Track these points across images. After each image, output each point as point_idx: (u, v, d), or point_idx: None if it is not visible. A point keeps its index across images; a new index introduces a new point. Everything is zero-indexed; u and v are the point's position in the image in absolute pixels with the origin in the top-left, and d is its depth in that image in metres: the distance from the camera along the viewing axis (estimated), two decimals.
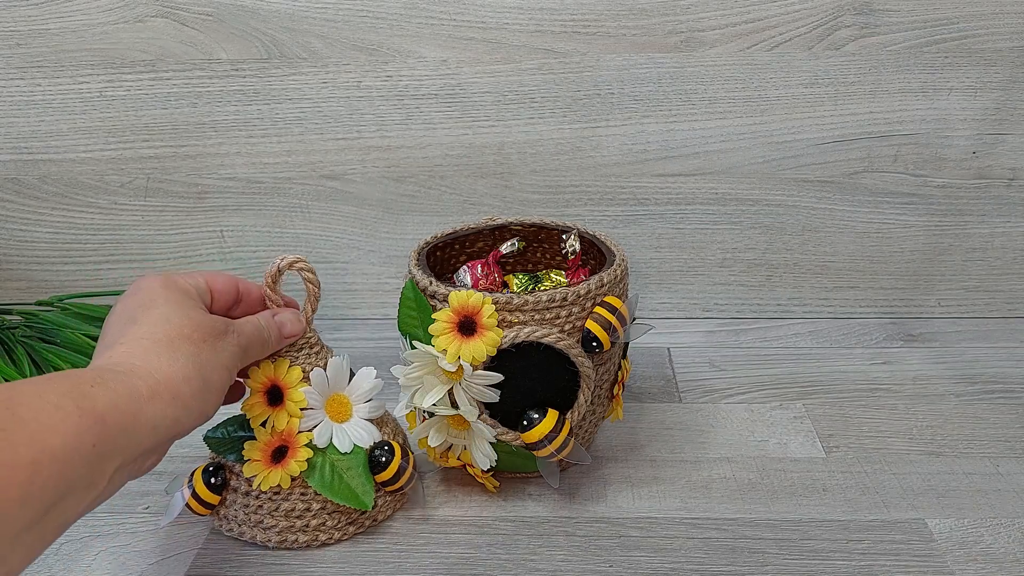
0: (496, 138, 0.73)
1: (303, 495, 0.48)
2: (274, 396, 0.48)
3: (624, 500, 0.53)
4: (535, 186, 0.75)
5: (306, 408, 0.48)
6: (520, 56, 0.70)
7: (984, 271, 0.76)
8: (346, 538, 0.49)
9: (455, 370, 0.47)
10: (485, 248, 0.61)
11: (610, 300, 0.49)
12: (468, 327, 0.46)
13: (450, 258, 0.60)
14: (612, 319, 0.48)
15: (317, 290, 0.49)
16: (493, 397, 0.48)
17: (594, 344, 0.48)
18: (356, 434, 0.49)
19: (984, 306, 0.78)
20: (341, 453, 0.48)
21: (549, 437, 0.48)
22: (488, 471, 0.51)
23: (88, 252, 0.79)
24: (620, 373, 0.54)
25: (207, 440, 0.49)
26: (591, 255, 0.57)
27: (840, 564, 0.47)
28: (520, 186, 0.75)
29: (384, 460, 0.49)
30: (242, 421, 0.49)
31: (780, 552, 0.48)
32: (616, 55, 0.70)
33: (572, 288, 0.48)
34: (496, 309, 0.47)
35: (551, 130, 0.72)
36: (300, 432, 0.48)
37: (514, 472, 0.54)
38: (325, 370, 0.49)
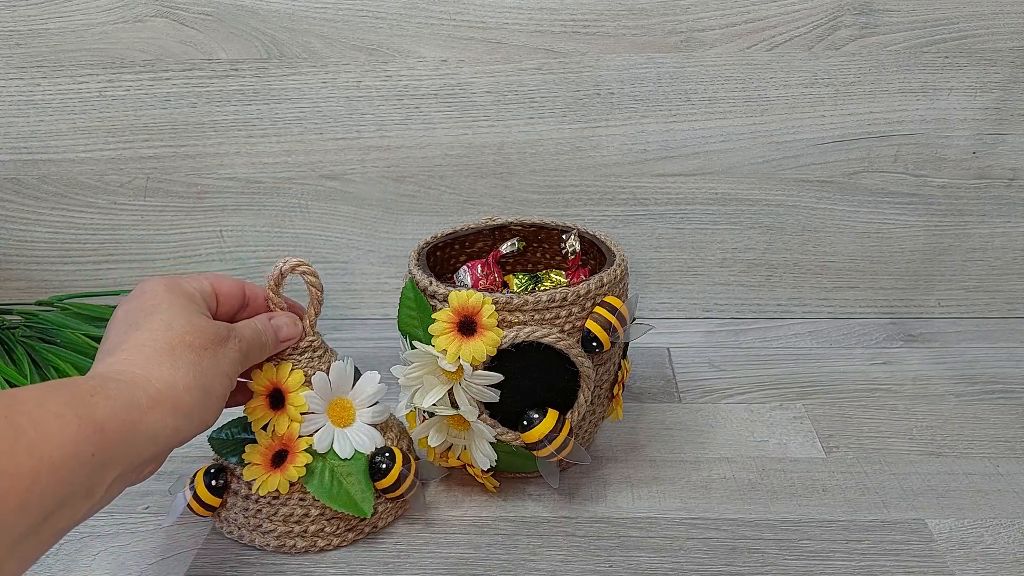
0: (496, 138, 0.73)
1: (302, 500, 0.48)
2: (276, 399, 0.48)
3: (624, 500, 0.53)
4: (535, 186, 0.75)
5: (307, 412, 0.48)
6: (520, 56, 0.70)
7: (984, 271, 0.76)
8: (345, 544, 0.49)
9: (455, 370, 0.47)
10: (485, 248, 0.61)
11: (610, 300, 0.49)
12: (468, 327, 0.46)
13: (450, 258, 0.60)
14: (612, 319, 0.48)
15: (320, 293, 0.49)
16: (493, 397, 0.48)
17: (594, 344, 0.48)
18: (358, 439, 0.49)
19: (984, 306, 0.78)
20: (341, 459, 0.48)
21: (549, 437, 0.48)
22: (488, 471, 0.51)
23: (88, 252, 0.79)
24: (620, 373, 0.54)
25: (211, 441, 0.49)
26: (591, 255, 0.57)
27: (840, 564, 0.47)
28: (520, 186, 0.75)
29: (385, 467, 0.48)
30: (246, 423, 0.48)
31: (780, 552, 0.48)
32: (616, 55, 0.70)
33: (572, 288, 0.48)
34: (496, 309, 0.47)
35: (551, 130, 0.72)
36: (300, 437, 0.47)
37: (514, 472, 0.54)
38: (328, 374, 0.49)
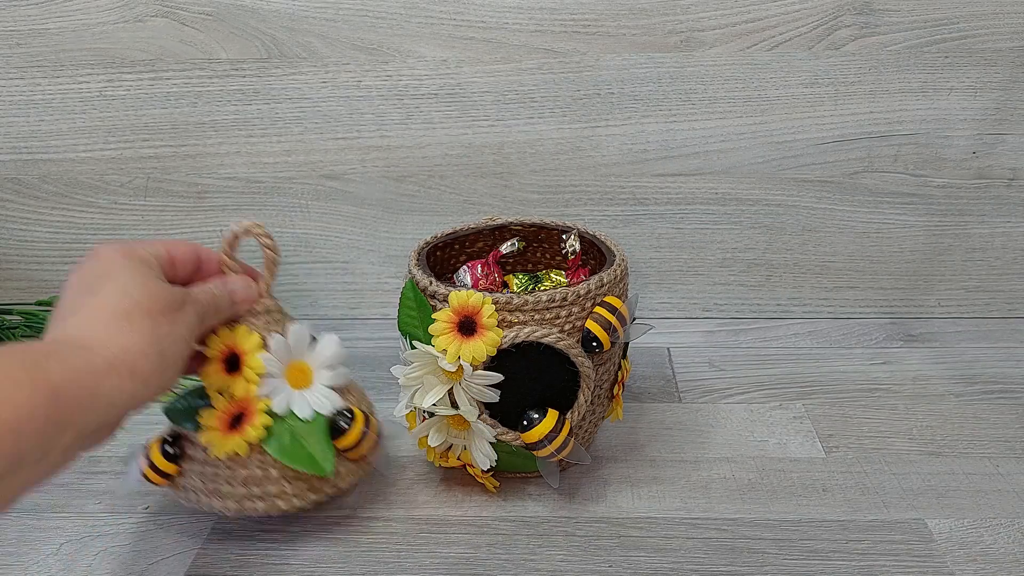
0: (496, 138, 0.73)
1: (261, 462, 0.47)
2: (232, 363, 0.47)
3: (624, 500, 0.53)
4: (535, 186, 0.75)
5: (265, 375, 0.47)
6: (520, 56, 0.70)
7: (984, 271, 0.76)
8: (307, 506, 0.48)
9: (455, 370, 0.47)
10: (485, 248, 0.61)
11: (610, 300, 0.49)
12: (468, 327, 0.46)
13: (450, 258, 0.60)
14: (612, 319, 0.48)
15: (275, 256, 0.48)
16: (493, 397, 0.48)
17: (594, 344, 0.48)
18: (317, 401, 0.48)
19: (984, 306, 0.78)
20: (301, 420, 0.47)
21: (549, 437, 0.48)
22: (488, 471, 0.51)
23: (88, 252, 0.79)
24: (620, 373, 0.54)
25: (166, 411, 0.48)
26: (591, 255, 0.57)
27: (840, 564, 0.47)
28: (520, 186, 0.75)
29: (345, 426, 0.48)
30: (202, 391, 0.47)
31: (780, 552, 0.48)
32: (616, 55, 0.70)
33: (572, 288, 0.48)
34: (496, 309, 0.47)
35: (551, 130, 0.72)
36: (259, 399, 0.46)
37: (514, 472, 0.54)
38: (286, 337, 0.48)
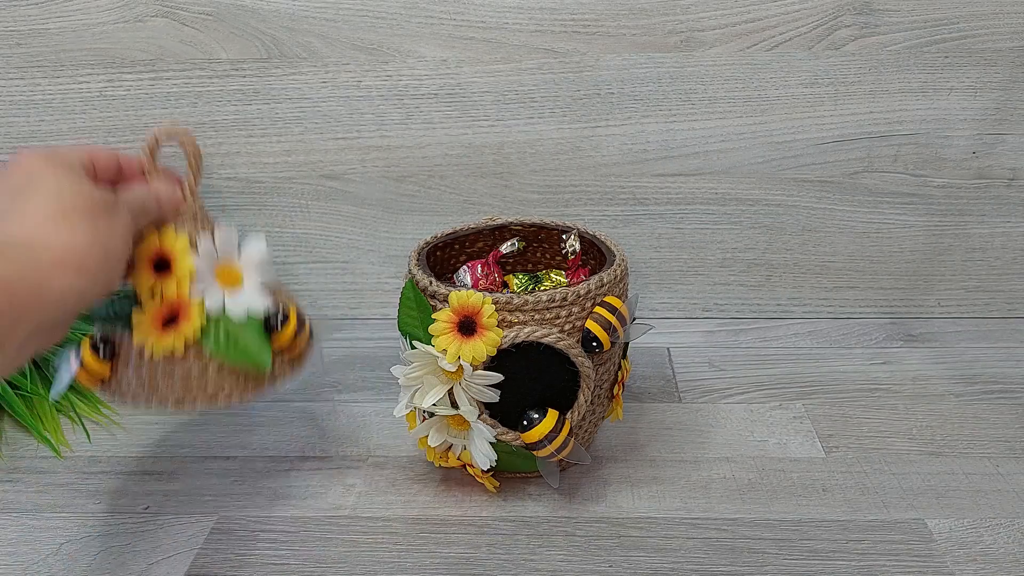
0: (496, 138, 0.73)
1: (197, 360, 0.46)
2: (161, 266, 0.47)
3: (624, 500, 0.53)
4: (535, 186, 0.75)
5: (195, 276, 0.47)
6: (520, 56, 0.70)
7: (984, 271, 0.76)
8: (245, 399, 0.48)
9: (455, 370, 0.47)
10: (485, 248, 0.61)
11: (610, 300, 0.49)
12: (468, 327, 0.46)
13: (450, 258, 0.60)
14: (612, 319, 0.48)
15: (198, 159, 0.48)
16: (493, 397, 0.48)
17: (594, 344, 0.48)
18: (248, 301, 0.48)
19: (984, 306, 0.78)
20: (234, 319, 0.47)
21: (549, 437, 0.48)
22: (488, 471, 0.51)
23: None
24: (620, 373, 0.54)
25: (95, 316, 0.48)
26: (591, 255, 0.57)
27: (840, 564, 0.47)
28: (520, 186, 0.75)
29: (278, 325, 0.48)
30: (130, 296, 0.47)
31: (780, 552, 0.48)
32: (616, 55, 0.70)
33: (572, 288, 0.48)
34: (496, 309, 0.47)
35: (551, 130, 0.72)
36: (191, 300, 0.46)
37: (514, 472, 0.54)
38: (213, 239, 0.48)
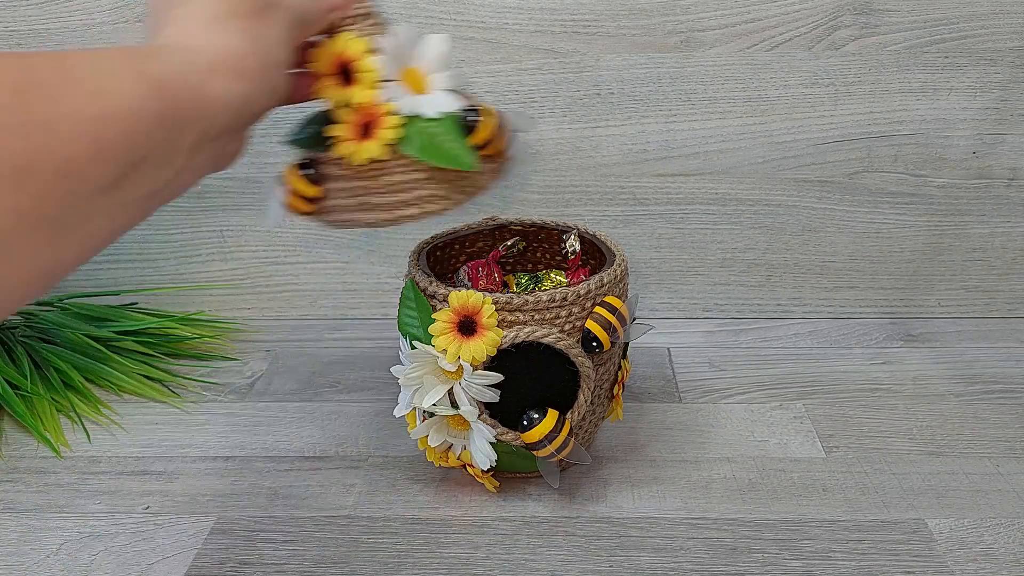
0: None
1: (403, 166, 0.45)
2: (345, 75, 0.45)
3: (624, 500, 0.53)
4: (535, 186, 0.75)
5: (382, 78, 0.44)
6: (520, 56, 0.70)
7: (984, 271, 0.76)
8: (454, 207, 0.46)
9: (455, 370, 0.47)
10: (485, 248, 0.61)
11: (610, 300, 0.49)
12: (468, 327, 0.46)
13: (450, 258, 0.60)
14: (612, 319, 0.48)
15: None
16: (493, 397, 0.48)
17: (594, 344, 0.48)
18: (439, 101, 0.45)
19: (984, 306, 0.78)
20: (429, 120, 0.45)
21: (549, 437, 0.48)
22: (488, 471, 0.51)
23: None
24: (620, 373, 0.54)
25: (292, 141, 0.47)
26: (591, 255, 0.57)
27: (840, 564, 0.47)
28: (520, 186, 0.75)
29: (474, 122, 0.45)
30: (320, 116, 0.46)
31: (780, 552, 0.48)
32: (616, 55, 0.70)
33: (572, 288, 0.48)
34: (496, 309, 0.47)
35: (551, 130, 0.72)
36: (382, 104, 0.44)
37: (514, 472, 0.54)
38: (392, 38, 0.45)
